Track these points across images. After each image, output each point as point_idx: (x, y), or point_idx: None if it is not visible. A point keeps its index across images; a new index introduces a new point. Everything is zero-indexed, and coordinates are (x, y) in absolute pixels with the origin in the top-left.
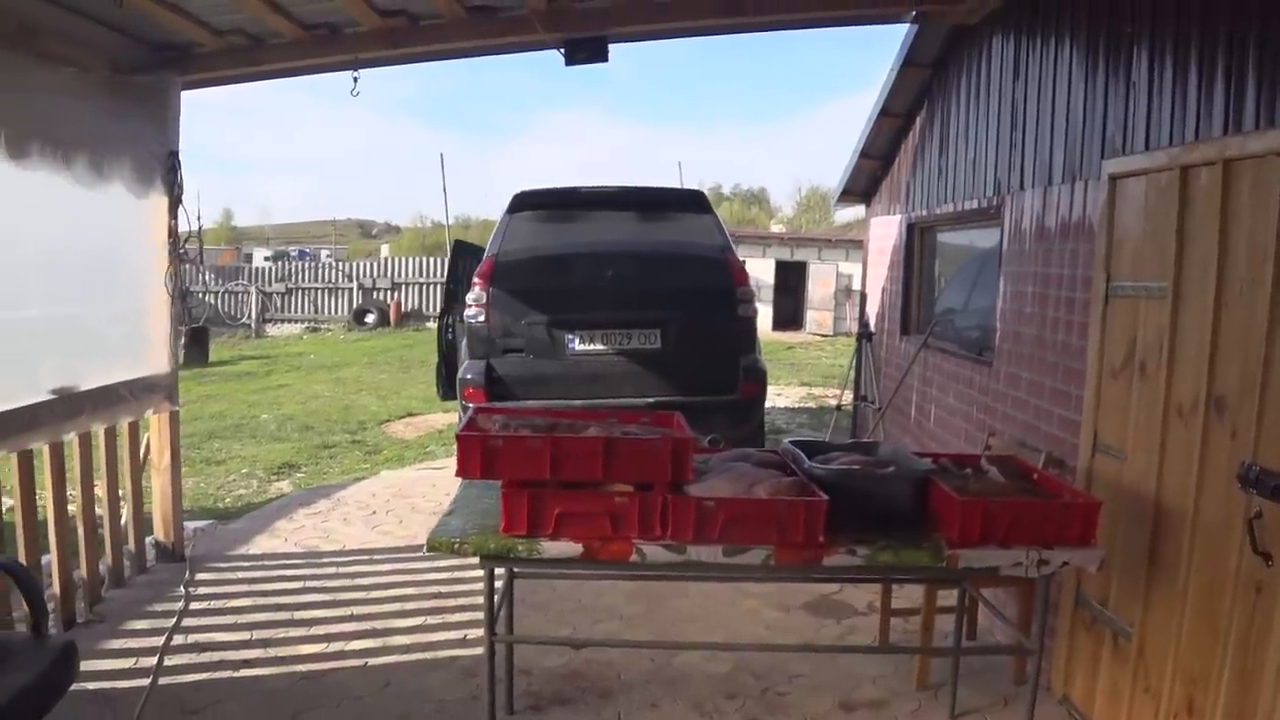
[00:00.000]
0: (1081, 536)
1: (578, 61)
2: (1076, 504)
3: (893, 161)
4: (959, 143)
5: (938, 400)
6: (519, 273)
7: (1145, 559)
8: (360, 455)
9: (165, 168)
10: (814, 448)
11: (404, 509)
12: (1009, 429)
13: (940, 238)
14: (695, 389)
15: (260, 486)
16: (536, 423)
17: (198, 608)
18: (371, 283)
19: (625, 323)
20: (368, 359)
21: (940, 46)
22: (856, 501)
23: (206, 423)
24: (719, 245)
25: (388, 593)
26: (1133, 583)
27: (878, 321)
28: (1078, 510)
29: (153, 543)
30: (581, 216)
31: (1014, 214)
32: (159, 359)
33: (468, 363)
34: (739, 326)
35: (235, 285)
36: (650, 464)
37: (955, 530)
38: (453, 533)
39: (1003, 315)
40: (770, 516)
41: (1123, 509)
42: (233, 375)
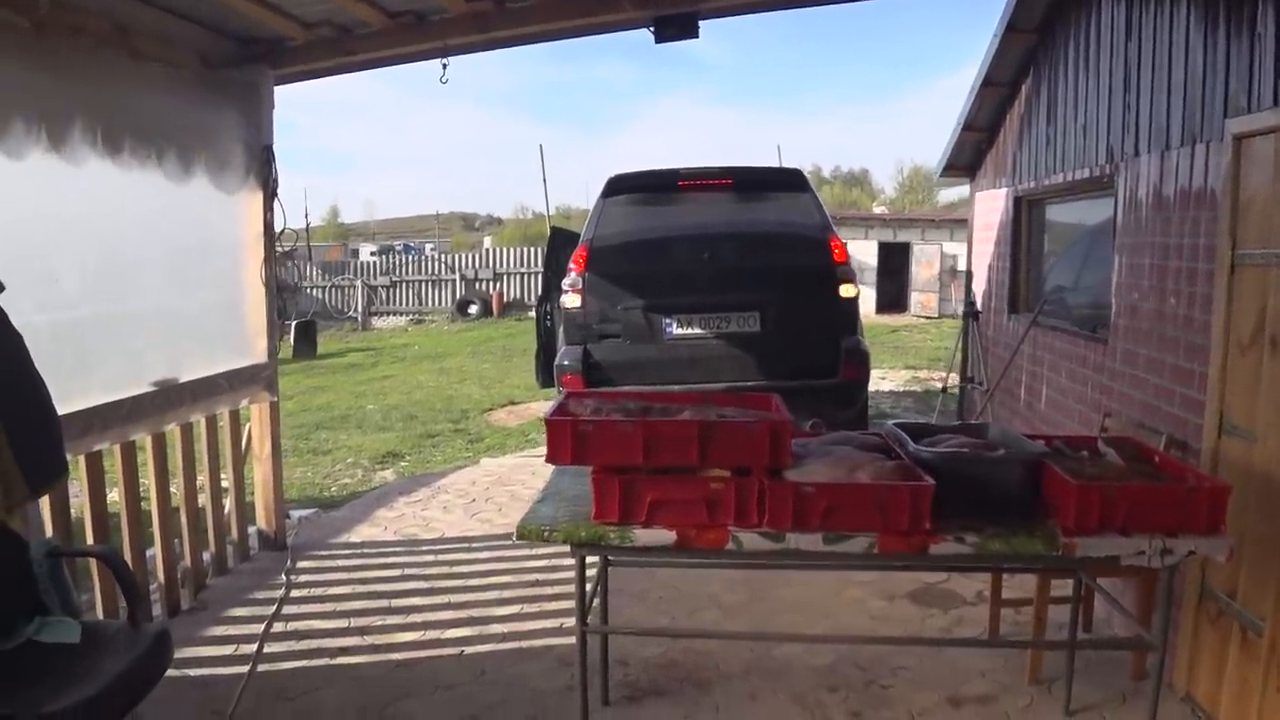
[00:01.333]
0: (1209, 524)
1: (667, 38)
2: (1203, 489)
3: (997, 134)
4: (1068, 110)
5: (1049, 380)
6: (614, 257)
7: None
8: (463, 444)
9: (259, 162)
10: (919, 430)
11: (504, 497)
12: (1126, 409)
13: (1049, 210)
14: (795, 372)
15: (365, 475)
16: (629, 406)
17: (298, 595)
18: (474, 274)
19: (723, 306)
20: (470, 349)
21: (1045, 9)
22: (965, 486)
23: (314, 414)
24: (818, 224)
25: (485, 581)
26: (1264, 574)
27: (984, 300)
28: (1204, 496)
29: (255, 532)
30: (676, 199)
31: (1129, 181)
32: (257, 350)
33: (564, 349)
34: (840, 307)
35: (341, 280)
36: (747, 448)
37: (1071, 517)
38: (543, 520)
39: (1118, 290)
40: (873, 502)
41: (1252, 495)
42: (340, 367)
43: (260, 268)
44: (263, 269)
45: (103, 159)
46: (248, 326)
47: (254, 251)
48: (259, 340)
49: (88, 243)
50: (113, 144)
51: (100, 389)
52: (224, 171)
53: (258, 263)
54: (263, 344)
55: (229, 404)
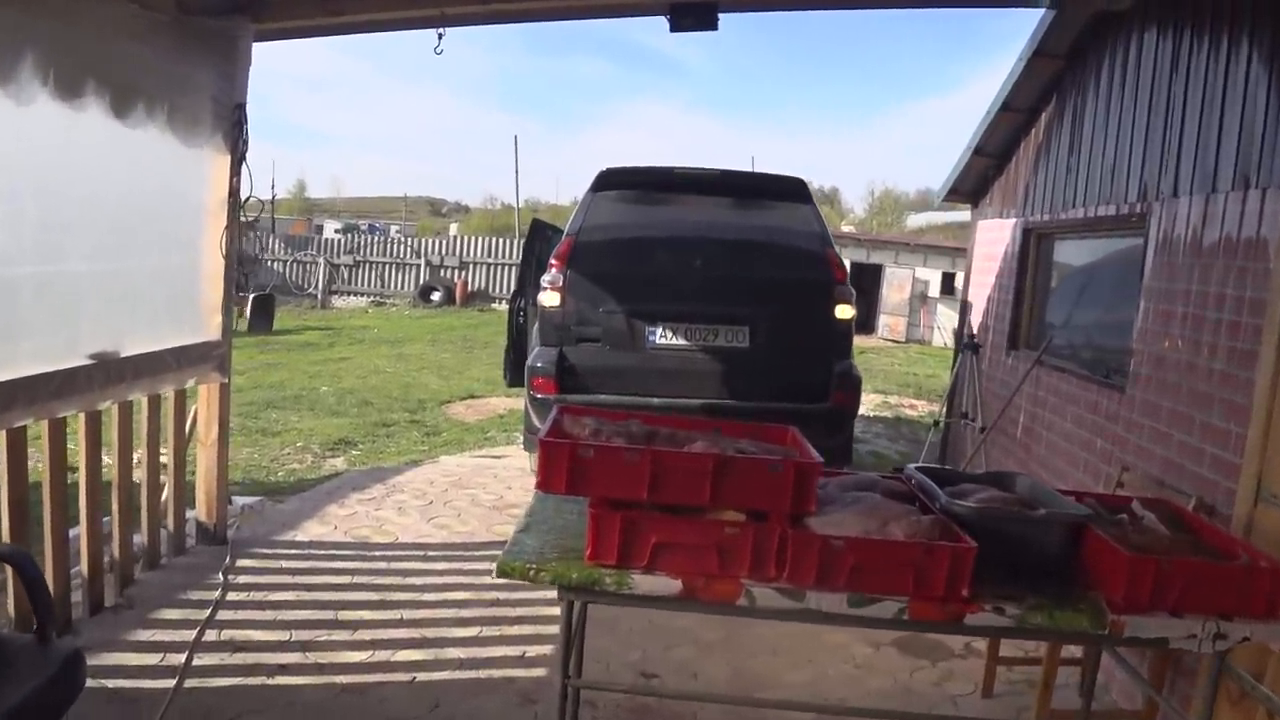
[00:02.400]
0: (1268, 608)
1: (684, 28)
2: (1263, 569)
3: (1008, 161)
4: (1095, 141)
5: (1051, 424)
6: (600, 256)
7: None
8: (418, 436)
9: (230, 121)
10: (942, 477)
11: (463, 501)
12: (1144, 464)
13: (1062, 245)
14: (782, 394)
15: (314, 462)
16: (633, 430)
17: (235, 599)
18: (439, 260)
19: (711, 317)
20: (431, 336)
21: (1077, 34)
22: (1002, 547)
23: (265, 391)
24: (818, 238)
25: (441, 596)
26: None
27: (981, 333)
28: (1265, 576)
29: (193, 522)
30: (671, 199)
31: (1163, 223)
32: (211, 327)
33: (538, 349)
34: (835, 328)
35: (304, 255)
36: (769, 490)
37: (1120, 591)
38: (528, 556)
39: (1141, 335)
40: (908, 562)
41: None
42: (296, 345)
43: (221, 236)
44: (223, 238)
45: (54, 100)
46: (202, 300)
47: (216, 218)
48: (213, 316)
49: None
50: (67, 86)
51: (27, 358)
52: (191, 128)
53: (219, 231)
54: (217, 320)
55: (175, 383)
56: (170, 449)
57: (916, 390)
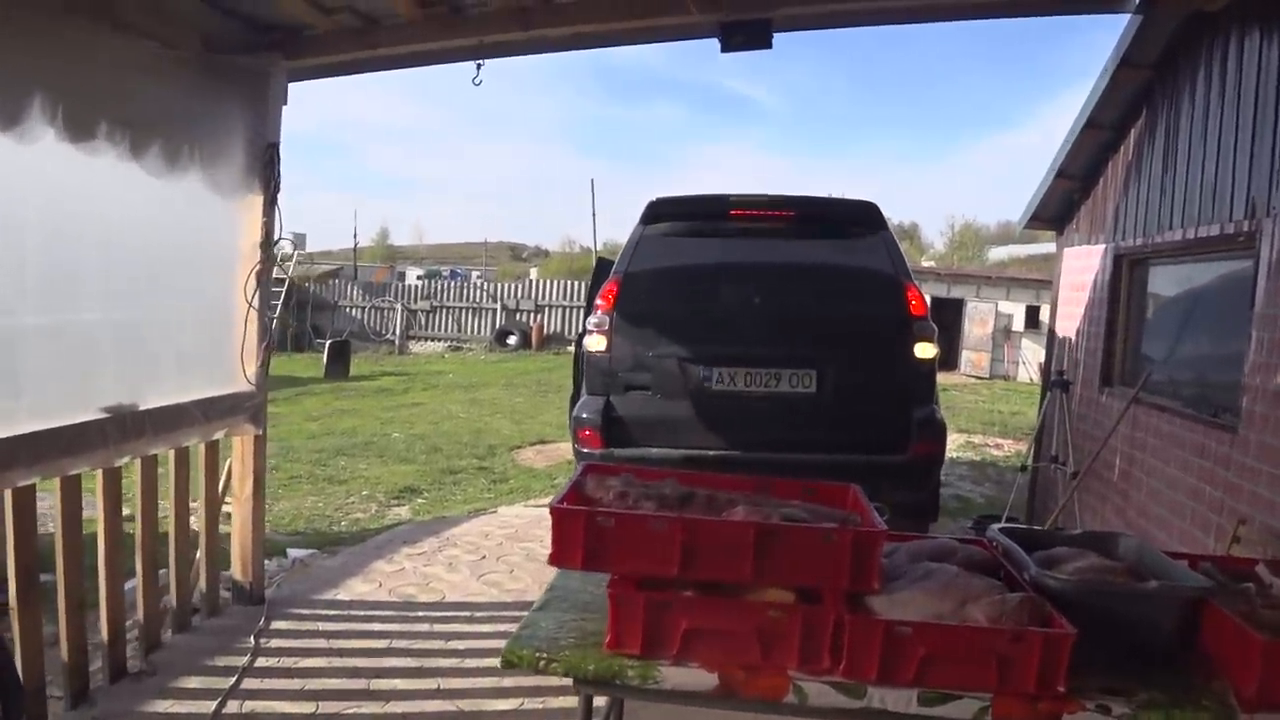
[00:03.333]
0: None
1: (735, 47)
2: None
3: (1094, 183)
4: (1193, 156)
5: (1151, 469)
6: (650, 295)
7: None
8: (485, 483)
9: (262, 161)
10: (1032, 539)
11: (517, 555)
12: (1264, 515)
13: (1158, 271)
14: (856, 445)
15: (379, 511)
16: (665, 492)
17: (264, 665)
18: (515, 304)
19: (774, 360)
20: (505, 381)
21: (1166, 42)
22: (1105, 628)
23: (336, 438)
24: (893, 269)
25: (483, 662)
26: None
27: (1070, 369)
28: None
29: (228, 582)
30: (727, 230)
31: (1277, 242)
32: (241, 376)
33: (584, 399)
34: (914, 369)
35: (382, 301)
36: (820, 564)
37: (1253, 684)
38: (539, 641)
39: (1255, 369)
40: (991, 653)
41: None
42: (370, 391)
43: (251, 281)
44: (254, 282)
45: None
46: (234, 348)
47: (248, 263)
48: (246, 365)
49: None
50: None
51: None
52: (220, 170)
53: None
54: (251, 369)
55: (202, 436)
56: (202, 505)
57: (1002, 429)
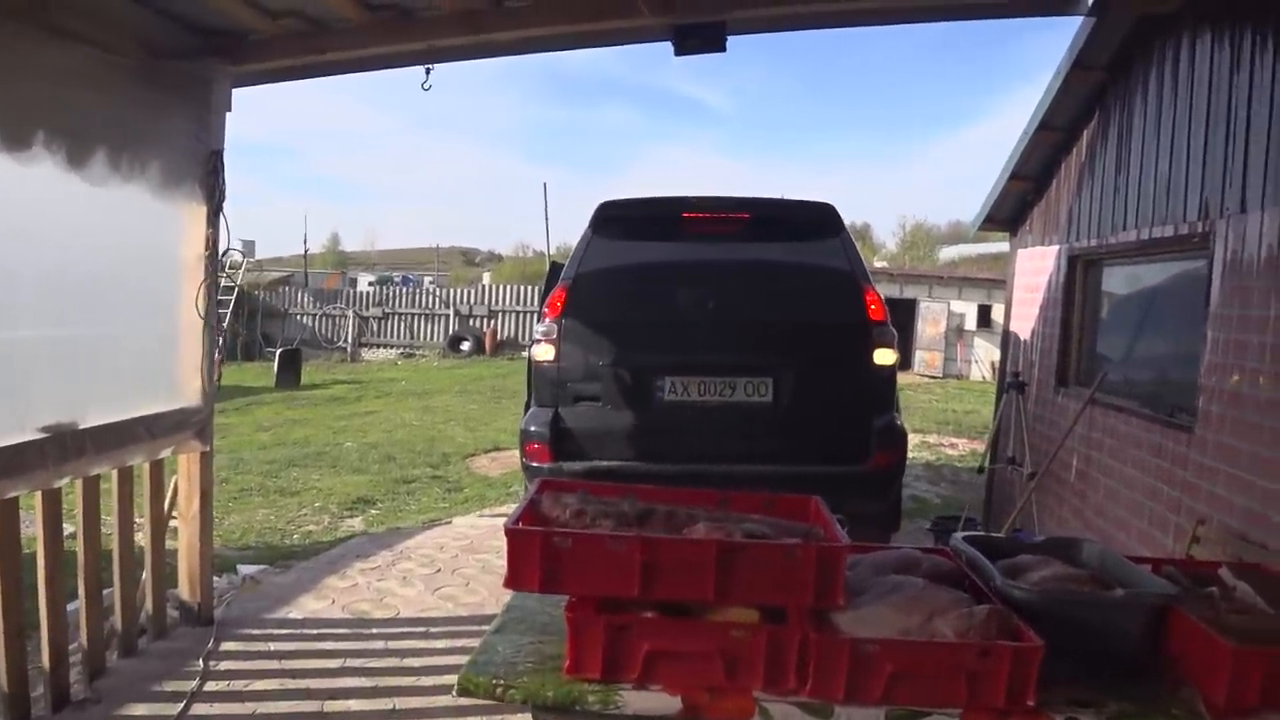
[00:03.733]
0: None
1: (688, 51)
2: None
3: (1048, 185)
4: (1146, 157)
5: (1108, 469)
6: (599, 301)
7: None
8: (440, 493)
9: (205, 170)
10: (995, 547)
11: (473, 568)
12: (1222, 515)
13: (1112, 272)
14: (814, 456)
15: (331, 523)
16: (624, 509)
17: (213, 689)
18: (468, 309)
19: (729, 368)
20: (459, 387)
21: (1119, 43)
22: (1072, 638)
23: (288, 449)
24: (851, 272)
25: (440, 680)
26: None
27: (1026, 369)
28: None
29: (175, 602)
30: (680, 234)
31: (1231, 242)
32: (188, 391)
33: (532, 410)
34: (874, 377)
35: (333, 309)
36: (785, 581)
37: (1221, 691)
38: (495, 665)
39: (1210, 369)
40: (959, 668)
41: None
42: (322, 399)
43: (198, 293)
44: (200, 295)
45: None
46: (179, 363)
47: (193, 275)
48: (192, 380)
49: None
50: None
51: None
52: (163, 180)
53: (195, 288)
54: (197, 384)
55: (148, 454)
56: (147, 523)
57: (956, 428)
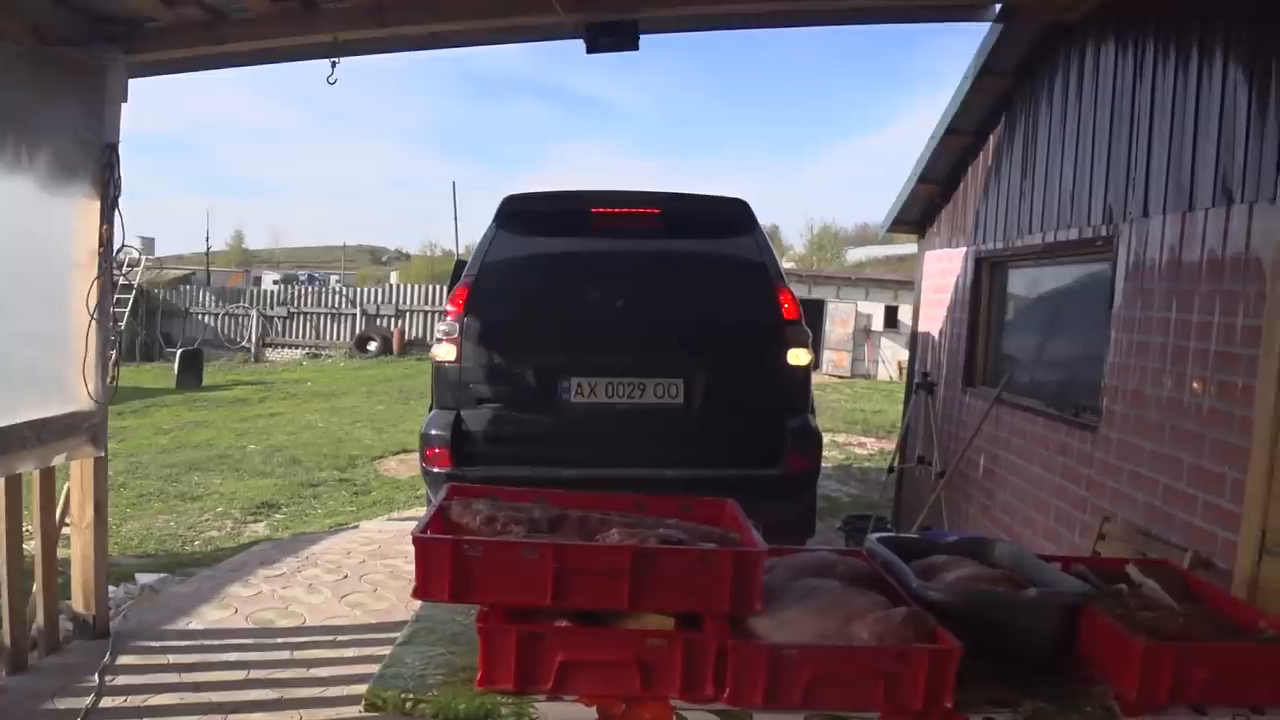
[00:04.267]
0: None
1: (601, 48)
2: None
3: (955, 188)
4: (1051, 163)
5: (1015, 467)
6: (503, 300)
7: None
8: (347, 496)
9: (99, 163)
10: (909, 548)
11: (381, 574)
12: (1124, 512)
13: (1018, 274)
14: (726, 459)
15: (234, 528)
16: (535, 515)
17: (110, 705)
18: (375, 309)
19: (638, 369)
20: (366, 388)
21: (1026, 50)
22: (987, 638)
23: (189, 452)
24: (765, 271)
25: (348, 690)
26: None
27: (934, 370)
28: None
29: (68, 615)
30: (589, 229)
31: (1134, 246)
32: (80, 394)
33: (433, 413)
34: (788, 378)
35: (236, 308)
36: (701, 587)
37: (1132, 687)
38: (405, 679)
39: (1113, 370)
40: (878, 672)
41: None
42: (225, 401)
43: (90, 292)
44: (93, 293)
45: None
46: (70, 364)
47: (85, 272)
48: (85, 382)
49: None
50: None
51: None
52: (51, 172)
53: (87, 286)
54: (90, 386)
55: (37, 461)
56: (37, 533)
57: (865, 427)
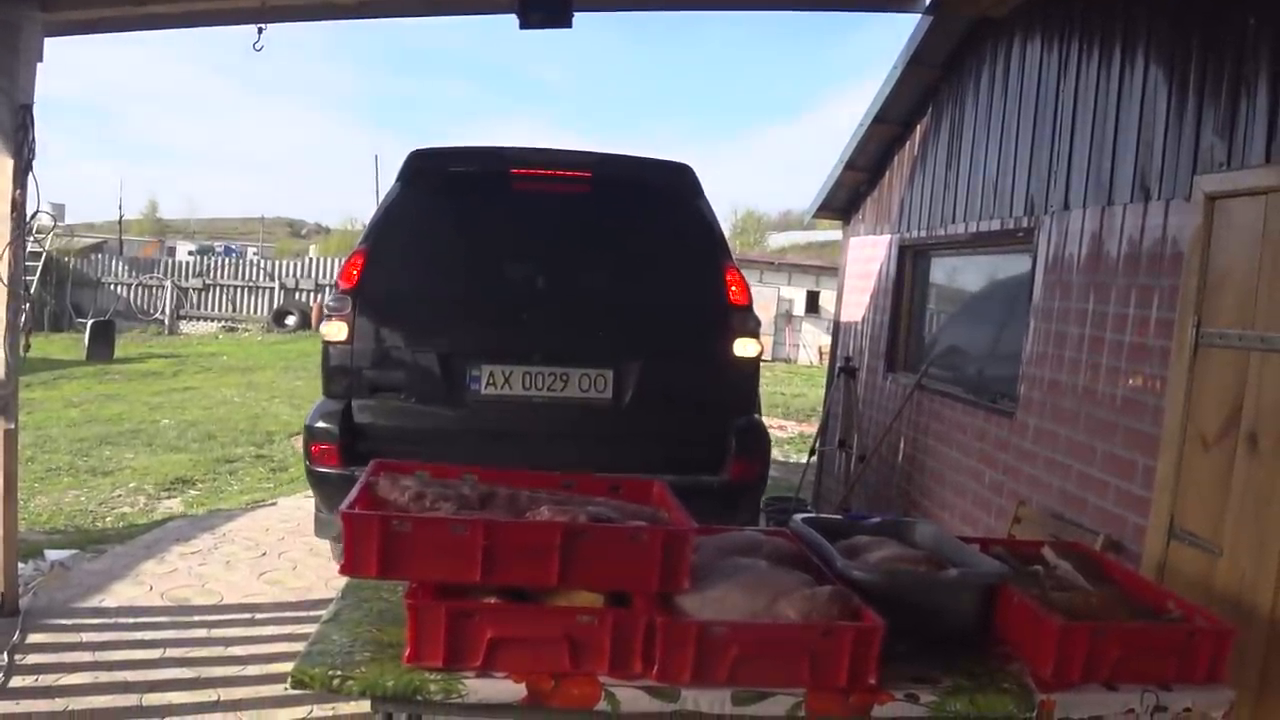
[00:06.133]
0: (1209, 673)
1: (534, 24)
2: (1205, 631)
3: (881, 176)
4: (976, 154)
5: (935, 452)
6: (404, 272)
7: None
8: (264, 472)
9: (13, 125)
10: (833, 529)
11: (300, 550)
12: (1040, 496)
13: (941, 262)
14: (661, 463)
15: (147, 504)
16: (465, 492)
17: (20, 685)
18: (294, 283)
19: (560, 357)
20: (284, 363)
21: (955, 43)
22: (909, 617)
23: (101, 426)
24: (710, 246)
25: (267, 669)
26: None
27: (857, 355)
28: (1207, 639)
29: None
30: (508, 193)
31: (1053, 238)
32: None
33: (320, 402)
34: (733, 370)
35: (150, 278)
36: (631, 565)
37: (1048, 665)
38: (331, 656)
39: (1031, 359)
40: (803, 649)
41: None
42: (138, 374)
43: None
44: (5, 259)
45: None
46: None
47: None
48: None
49: None
50: None
51: None
52: None
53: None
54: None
55: None
56: None
57: (785, 410)
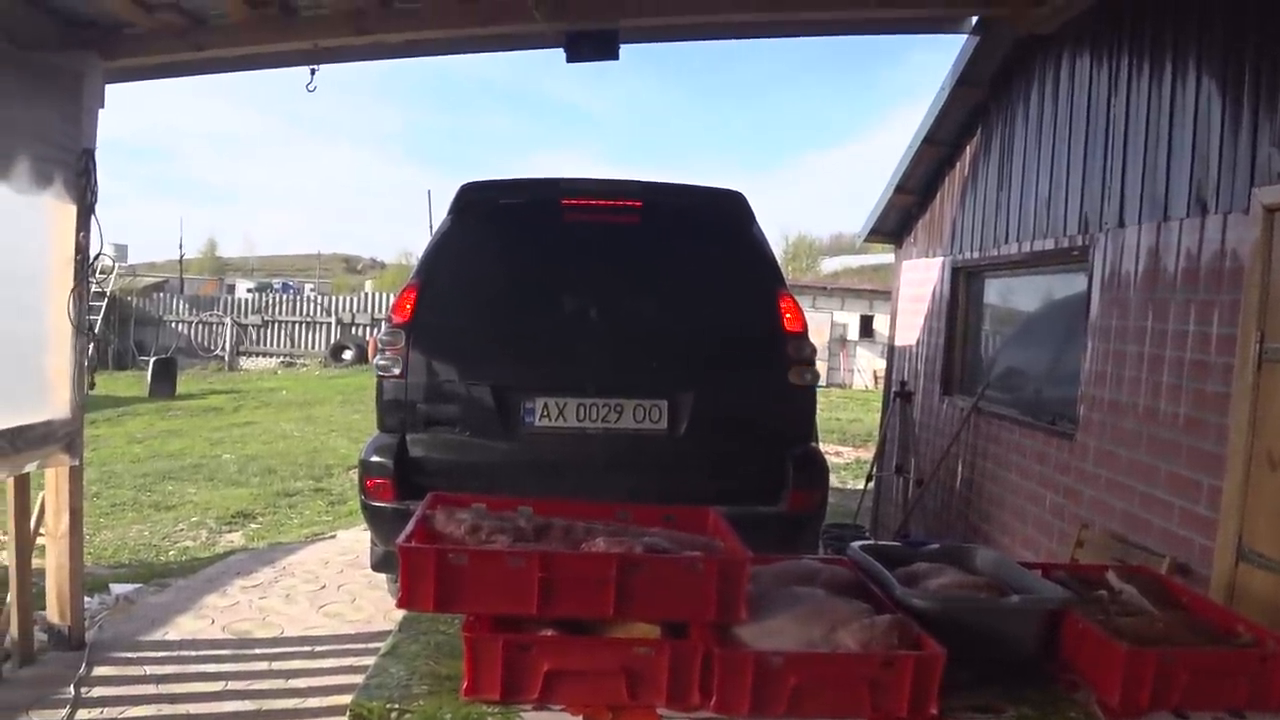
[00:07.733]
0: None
1: (581, 58)
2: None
3: (932, 198)
4: (1027, 173)
5: (993, 475)
6: (457, 305)
7: None
8: (323, 505)
9: (75, 170)
10: (892, 556)
11: (359, 583)
12: (1102, 519)
13: (995, 283)
14: (718, 495)
15: (210, 538)
16: (520, 524)
17: (85, 717)
18: (351, 318)
19: (615, 389)
20: (342, 397)
21: (1002, 62)
22: (971, 644)
23: (163, 462)
24: (764, 274)
25: (327, 701)
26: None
27: (912, 379)
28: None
29: (43, 626)
30: (559, 224)
31: (1109, 256)
32: (56, 402)
33: (374, 437)
34: (790, 400)
35: (210, 315)
36: (687, 595)
37: (1115, 693)
38: (390, 689)
39: (1090, 379)
40: (863, 679)
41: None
42: (199, 410)
43: (68, 299)
44: (70, 301)
45: None
46: (45, 373)
47: (60, 279)
48: (60, 390)
49: None
50: None
51: None
52: (25, 178)
53: (64, 293)
54: (65, 395)
55: (11, 469)
56: (11, 545)
57: (841, 436)
